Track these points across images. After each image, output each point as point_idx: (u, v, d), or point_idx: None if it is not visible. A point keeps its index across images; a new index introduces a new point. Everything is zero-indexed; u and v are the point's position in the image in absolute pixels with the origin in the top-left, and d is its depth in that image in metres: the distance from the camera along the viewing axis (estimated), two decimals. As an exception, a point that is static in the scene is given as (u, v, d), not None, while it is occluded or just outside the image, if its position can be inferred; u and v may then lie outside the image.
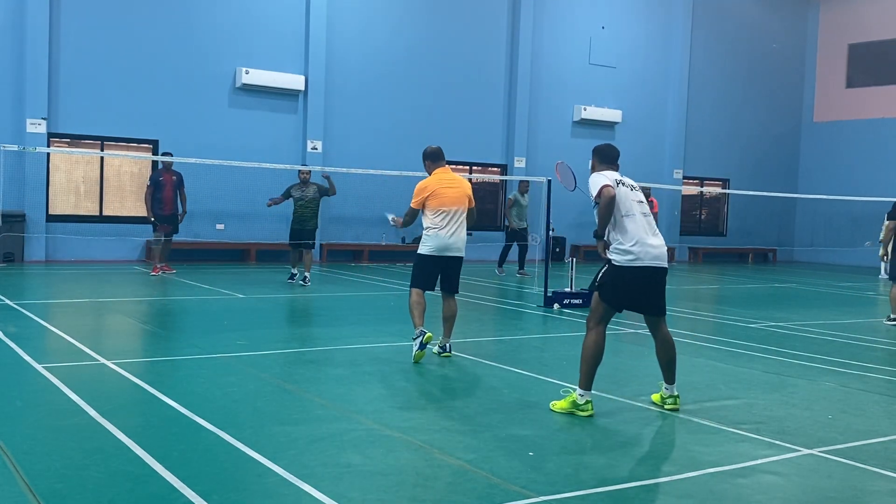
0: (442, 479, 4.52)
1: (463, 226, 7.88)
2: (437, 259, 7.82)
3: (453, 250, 7.84)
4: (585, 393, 5.90)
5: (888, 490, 4.62)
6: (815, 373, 7.87)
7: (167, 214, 14.95)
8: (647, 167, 24.25)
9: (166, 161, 15.11)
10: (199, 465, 4.56)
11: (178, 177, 15.12)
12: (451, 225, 7.80)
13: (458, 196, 7.86)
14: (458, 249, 7.90)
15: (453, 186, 7.89)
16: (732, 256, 26.94)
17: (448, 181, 7.92)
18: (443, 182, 7.89)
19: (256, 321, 10.15)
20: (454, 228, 7.81)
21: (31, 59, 16.65)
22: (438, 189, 7.83)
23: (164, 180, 14.91)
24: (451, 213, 7.79)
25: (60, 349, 7.98)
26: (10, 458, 4.50)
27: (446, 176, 7.96)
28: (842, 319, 12.19)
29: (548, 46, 22.99)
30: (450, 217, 7.79)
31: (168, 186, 14.88)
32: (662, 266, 6.07)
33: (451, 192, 7.85)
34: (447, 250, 7.80)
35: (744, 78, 26.95)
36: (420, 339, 7.56)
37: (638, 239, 5.94)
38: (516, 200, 17.72)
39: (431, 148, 8.12)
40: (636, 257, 5.92)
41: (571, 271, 12.60)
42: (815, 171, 27.85)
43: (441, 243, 7.77)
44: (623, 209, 6.00)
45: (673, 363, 6.17)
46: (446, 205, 7.77)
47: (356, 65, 20.20)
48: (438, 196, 7.81)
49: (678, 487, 4.51)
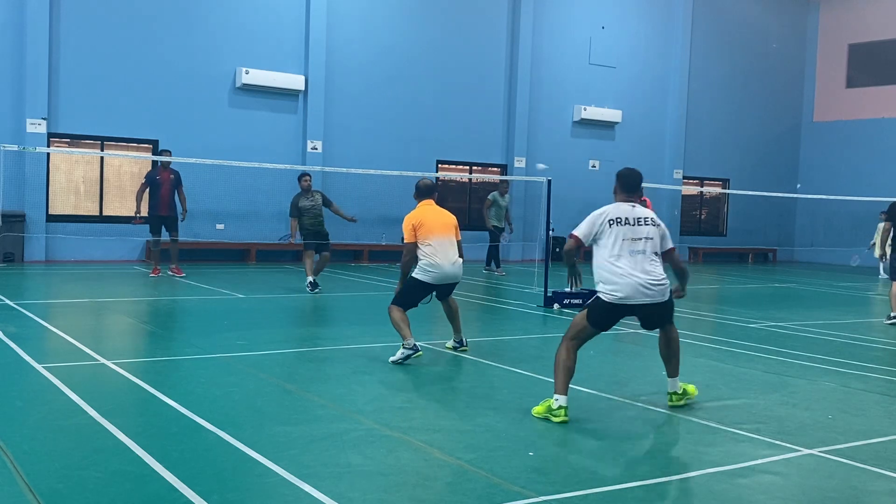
0: (442, 479, 4.52)
1: (456, 254, 7.98)
2: (435, 286, 7.95)
3: (452, 278, 7.98)
4: (560, 398, 5.75)
5: (888, 490, 4.62)
6: (815, 373, 7.87)
7: (164, 215, 14.41)
8: (647, 167, 24.19)
9: (164, 160, 14.57)
10: (199, 465, 4.56)
11: (175, 175, 14.54)
12: (446, 252, 7.87)
13: (446, 224, 7.99)
14: (457, 276, 8.05)
15: (440, 216, 8.05)
16: (732, 256, 26.94)
17: (435, 212, 8.07)
18: (428, 213, 8.02)
19: (256, 321, 10.15)
20: (451, 256, 7.90)
21: (31, 59, 16.65)
22: (424, 219, 7.93)
23: (161, 179, 14.32)
24: (444, 241, 7.88)
25: (60, 349, 7.98)
26: (10, 458, 4.50)
27: (432, 208, 8.11)
28: (842, 319, 12.19)
29: (548, 46, 22.98)
30: (444, 245, 7.87)
31: (165, 185, 14.30)
32: (657, 302, 5.90)
33: (440, 220, 8.00)
34: (446, 279, 7.93)
35: (744, 78, 26.94)
36: (412, 353, 7.54)
37: (625, 281, 5.77)
38: (494, 201, 18.04)
39: (424, 182, 8.32)
40: (625, 297, 5.78)
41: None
42: (815, 171, 27.84)
43: (442, 273, 7.85)
44: (613, 250, 5.85)
45: (674, 357, 6.20)
46: (435, 233, 7.85)
47: (356, 65, 20.20)
48: (427, 225, 7.90)
49: (678, 487, 4.51)
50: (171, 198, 14.47)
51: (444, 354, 8.17)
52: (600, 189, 23.04)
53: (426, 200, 8.17)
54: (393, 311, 7.79)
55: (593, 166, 23.37)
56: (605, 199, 6.29)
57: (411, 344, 7.58)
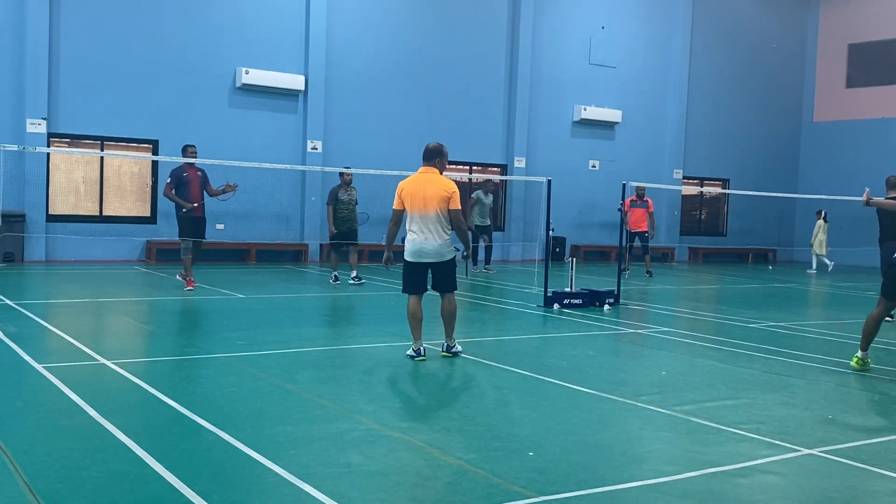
0: (442, 479, 4.52)
1: (438, 231, 7.49)
2: (417, 264, 7.60)
3: (427, 256, 7.53)
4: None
5: (888, 490, 4.62)
6: (815, 373, 7.87)
7: (199, 217, 12.82)
8: (647, 167, 24.26)
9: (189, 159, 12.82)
10: (199, 465, 4.56)
11: (203, 173, 13.00)
12: (422, 230, 7.49)
13: (427, 197, 7.45)
14: (434, 255, 7.55)
15: (424, 187, 7.49)
16: (732, 256, 26.94)
17: (421, 182, 7.56)
18: (415, 182, 7.58)
19: (256, 321, 10.15)
20: (426, 234, 7.48)
21: (31, 59, 16.65)
22: (407, 189, 7.57)
23: (189, 176, 12.72)
24: (422, 216, 7.46)
25: (60, 349, 7.97)
26: (10, 458, 4.50)
27: (423, 177, 7.61)
28: (842, 319, 12.19)
29: (548, 46, 22.99)
30: (421, 221, 7.47)
31: (194, 182, 12.74)
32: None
33: (421, 192, 7.48)
34: (421, 256, 7.54)
35: (744, 78, 26.95)
36: (414, 357, 7.60)
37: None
38: (478, 199, 18.17)
39: (428, 145, 7.85)
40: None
41: (571, 271, 12.60)
42: (815, 171, 27.84)
43: (414, 248, 7.53)
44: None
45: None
46: (414, 207, 7.47)
47: (356, 65, 20.21)
48: (407, 198, 7.56)
49: (678, 487, 4.51)
50: (202, 198, 12.86)
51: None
52: (600, 189, 23.09)
53: (423, 167, 7.71)
54: (408, 302, 7.71)
55: (593, 166, 23.37)
56: (606, 199, 6.34)
57: (415, 347, 7.62)
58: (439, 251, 7.52)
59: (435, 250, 7.51)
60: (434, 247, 7.50)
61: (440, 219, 7.47)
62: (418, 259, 7.53)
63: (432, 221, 7.46)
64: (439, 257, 7.53)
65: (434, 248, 7.50)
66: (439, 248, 7.51)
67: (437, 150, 7.75)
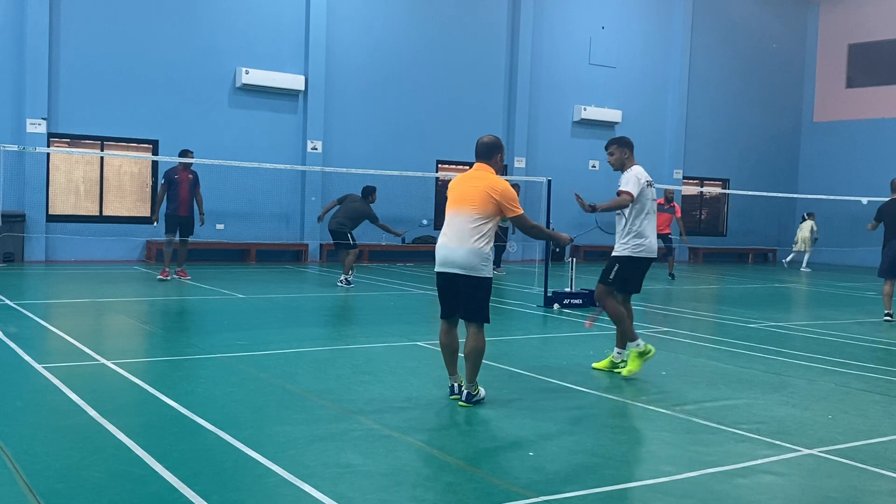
0: (442, 479, 4.52)
1: (468, 235, 5.96)
2: (442, 275, 6.16)
3: (450, 265, 6.05)
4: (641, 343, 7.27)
5: (888, 490, 4.62)
6: (815, 373, 7.87)
7: (183, 215, 13.84)
8: (648, 167, 23.84)
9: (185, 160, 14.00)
10: (199, 465, 4.55)
11: (194, 176, 14.02)
12: (449, 230, 6.10)
13: (465, 194, 6.07)
14: (458, 265, 6.00)
15: (466, 182, 6.18)
16: (732, 256, 26.94)
17: (466, 177, 6.27)
18: (461, 178, 6.32)
19: (256, 321, 10.15)
20: (452, 237, 6.04)
21: (31, 59, 16.65)
22: (451, 185, 6.34)
23: (180, 178, 13.80)
24: (454, 215, 6.10)
25: (60, 349, 7.97)
26: (10, 458, 4.50)
27: (471, 172, 6.29)
28: (842, 319, 12.19)
29: (548, 46, 22.99)
30: (452, 221, 6.10)
31: (184, 185, 13.79)
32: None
33: (460, 188, 6.17)
34: (444, 265, 6.09)
35: (744, 78, 26.95)
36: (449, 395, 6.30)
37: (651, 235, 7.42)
38: None
39: (481, 139, 6.40)
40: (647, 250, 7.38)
41: (571, 271, 12.60)
42: (815, 171, 27.84)
43: (439, 254, 6.15)
44: (648, 208, 7.40)
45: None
46: (451, 205, 6.16)
47: (356, 65, 20.21)
48: (448, 195, 6.31)
49: (678, 487, 4.50)
50: (191, 199, 13.94)
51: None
52: (601, 189, 23.07)
53: (477, 164, 6.29)
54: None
55: (593, 166, 23.36)
56: (606, 199, 6.32)
57: (450, 384, 6.34)
58: (470, 261, 5.96)
59: (465, 260, 5.97)
60: (464, 254, 5.97)
61: (476, 222, 5.98)
62: (445, 269, 6.08)
63: (466, 223, 5.99)
64: (470, 270, 5.98)
65: (464, 258, 5.97)
66: (470, 257, 5.96)
67: (492, 145, 6.27)
